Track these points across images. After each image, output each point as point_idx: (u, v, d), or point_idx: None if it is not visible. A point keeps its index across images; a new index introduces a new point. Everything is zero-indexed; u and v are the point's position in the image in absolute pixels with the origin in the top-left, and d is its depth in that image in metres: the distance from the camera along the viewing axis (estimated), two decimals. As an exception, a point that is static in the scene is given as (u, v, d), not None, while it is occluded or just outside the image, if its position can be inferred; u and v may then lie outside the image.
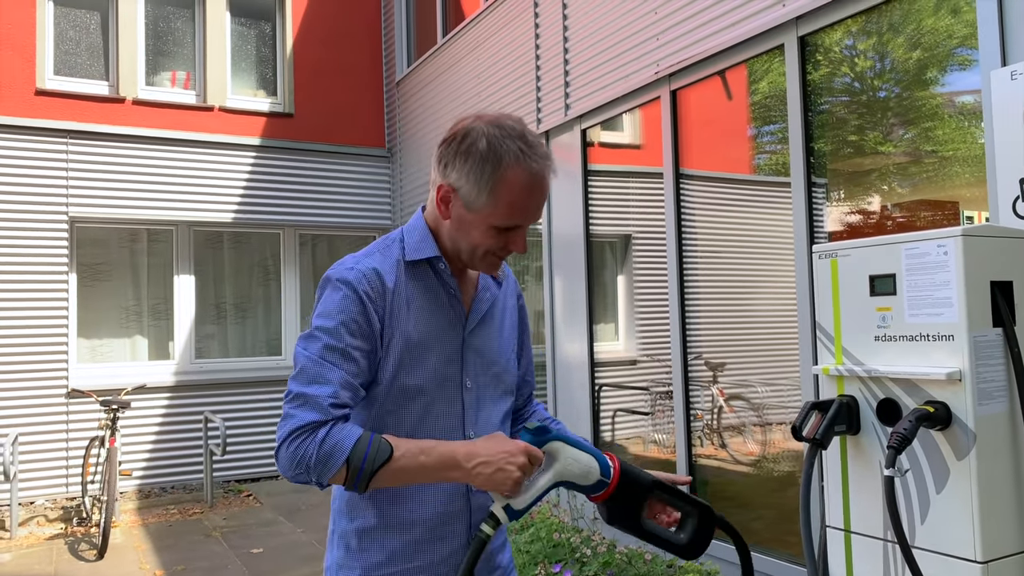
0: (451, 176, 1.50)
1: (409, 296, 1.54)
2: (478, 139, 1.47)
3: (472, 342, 1.61)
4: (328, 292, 1.51)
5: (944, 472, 1.75)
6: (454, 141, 1.50)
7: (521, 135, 1.48)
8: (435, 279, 1.58)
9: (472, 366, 1.61)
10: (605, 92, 5.36)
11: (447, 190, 1.51)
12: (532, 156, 1.47)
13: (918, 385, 1.80)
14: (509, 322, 1.74)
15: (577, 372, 5.76)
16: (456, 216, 1.52)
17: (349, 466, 1.38)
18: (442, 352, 1.56)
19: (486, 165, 1.46)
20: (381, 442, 1.40)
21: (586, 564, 3.64)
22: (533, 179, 1.47)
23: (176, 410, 7.96)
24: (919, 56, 3.55)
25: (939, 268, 1.76)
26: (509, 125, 1.49)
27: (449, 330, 1.58)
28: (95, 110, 7.79)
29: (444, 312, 1.58)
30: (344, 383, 1.44)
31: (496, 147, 1.46)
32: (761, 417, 4.51)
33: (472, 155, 1.47)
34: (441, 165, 1.52)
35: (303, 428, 1.38)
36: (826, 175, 3.97)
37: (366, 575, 1.54)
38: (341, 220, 8.84)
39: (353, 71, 9.14)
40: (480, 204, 1.48)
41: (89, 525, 6.66)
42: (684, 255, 4.80)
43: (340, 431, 1.39)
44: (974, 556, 1.69)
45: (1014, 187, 2.87)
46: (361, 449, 1.38)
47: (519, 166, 1.46)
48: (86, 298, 7.83)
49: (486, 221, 1.49)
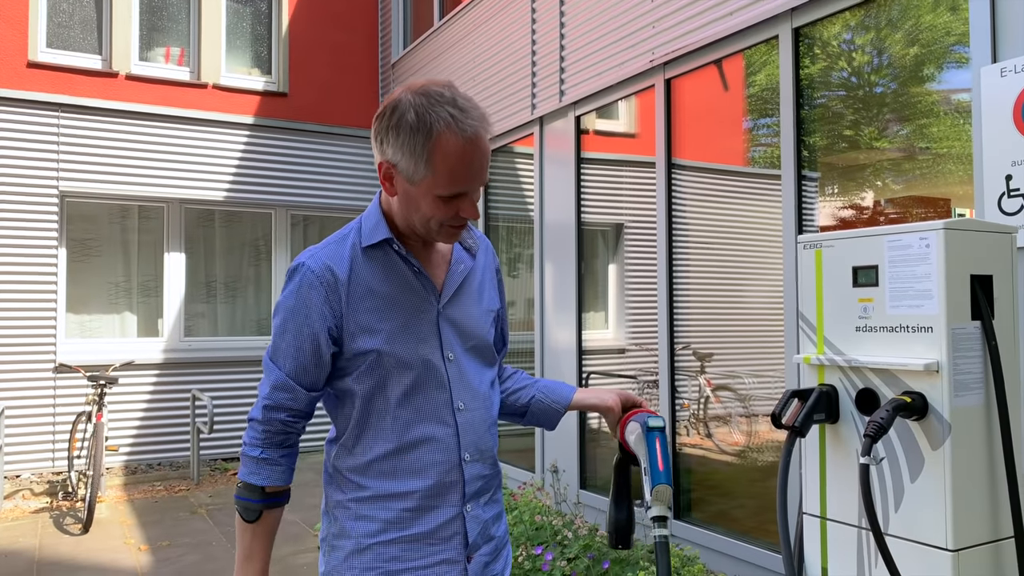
0: (388, 152, 1.49)
1: (370, 281, 1.55)
2: (406, 111, 1.45)
3: (449, 314, 1.62)
4: (284, 290, 1.58)
5: (919, 461, 1.77)
6: (384, 116, 1.49)
7: (451, 100, 1.46)
8: (397, 259, 1.59)
9: (451, 338, 1.62)
10: (600, 79, 5.36)
11: (387, 167, 1.50)
12: (463, 120, 1.45)
13: (896, 376, 1.82)
14: (488, 293, 1.74)
15: (565, 359, 5.78)
16: (402, 192, 1.51)
17: (242, 484, 1.57)
18: (416, 329, 1.57)
19: (417, 136, 1.44)
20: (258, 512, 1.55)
21: (567, 547, 3.67)
22: (467, 143, 1.45)
23: (164, 387, 7.95)
24: (915, 52, 3.56)
25: (921, 261, 1.77)
26: (436, 92, 1.47)
27: (422, 305, 1.59)
28: (87, 84, 7.73)
29: (412, 290, 1.59)
30: (280, 385, 1.55)
31: (424, 116, 1.44)
32: (747, 407, 4.54)
33: (402, 128, 1.45)
34: (378, 142, 1.51)
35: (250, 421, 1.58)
36: (818, 169, 3.98)
37: (359, 544, 1.55)
38: (333, 201, 8.82)
39: (348, 52, 9.10)
40: (420, 176, 1.46)
41: (75, 499, 6.67)
42: (674, 245, 4.81)
43: (259, 466, 1.55)
44: (945, 544, 1.71)
45: (1000, 183, 2.90)
46: (246, 493, 1.55)
47: (451, 132, 1.44)
48: (75, 273, 7.80)
49: (430, 192, 1.48)
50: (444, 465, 1.57)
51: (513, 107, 6.43)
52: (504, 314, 1.84)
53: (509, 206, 6.84)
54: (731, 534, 4.30)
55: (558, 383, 1.83)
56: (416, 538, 1.55)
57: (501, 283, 1.83)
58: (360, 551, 1.55)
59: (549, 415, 1.80)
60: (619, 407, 1.72)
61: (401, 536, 1.55)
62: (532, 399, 1.80)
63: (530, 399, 1.80)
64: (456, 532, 1.58)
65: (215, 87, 8.32)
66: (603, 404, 1.73)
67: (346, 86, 9.04)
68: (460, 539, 1.59)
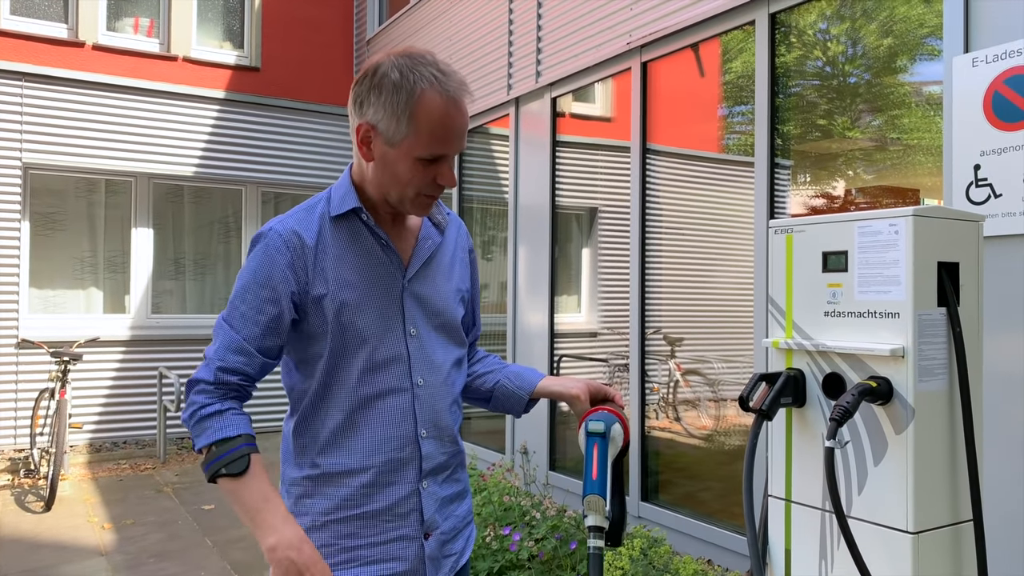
0: (368, 113, 1.47)
1: (337, 250, 1.53)
2: (389, 70, 1.45)
3: (414, 289, 1.61)
4: (249, 254, 1.55)
5: (883, 445, 1.79)
6: (365, 78, 1.48)
7: (433, 63, 1.47)
8: (364, 231, 1.57)
9: (414, 313, 1.60)
10: (577, 60, 5.33)
11: (366, 128, 1.48)
12: (446, 81, 1.45)
13: (863, 360, 1.84)
14: (459, 272, 1.72)
15: (538, 342, 5.78)
16: (379, 155, 1.49)
17: (207, 452, 1.44)
18: (380, 301, 1.55)
19: (400, 93, 1.43)
20: (245, 458, 1.44)
21: (535, 527, 3.69)
22: (450, 103, 1.45)
23: (130, 365, 7.84)
24: (889, 44, 3.58)
25: (890, 247, 1.79)
26: (419, 54, 1.48)
27: (387, 279, 1.57)
28: (52, 53, 7.53)
29: (378, 262, 1.57)
30: (236, 347, 1.49)
31: (408, 75, 1.43)
32: (716, 392, 4.58)
33: (385, 87, 1.44)
34: (356, 105, 1.49)
35: (195, 384, 1.48)
36: (791, 157, 4.00)
37: (315, 521, 1.54)
38: (305, 178, 8.71)
39: (323, 27, 8.96)
40: (400, 136, 1.45)
41: (37, 477, 6.57)
42: (647, 230, 4.82)
43: (221, 419, 1.45)
44: (906, 527, 1.74)
45: (969, 173, 2.93)
46: (224, 448, 1.44)
47: (434, 90, 1.44)
48: (39, 248, 7.63)
49: (409, 153, 1.46)
50: (399, 440, 1.56)
51: (489, 87, 6.38)
52: (476, 296, 1.82)
53: (484, 188, 6.80)
54: (698, 516, 4.35)
55: (527, 369, 1.81)
56: (372, 515, 1.54)
57: (475, 265, 1.81)
58: (316, 528, 1.54)
59: (513, 401, 1.77)
60: (586, 397, 1.69)
61: (357, 513, 1.54)
62: (497, 383, 1.78)
63: (495, 383, 1.78)
64: (413, 509, 1.57)
65: (185, 60, 8.15)
66: (568, 393, 1.70)
67: (320, 62, 8.90)
68: (417, 515, 1.58)
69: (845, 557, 1.83)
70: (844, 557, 1.84)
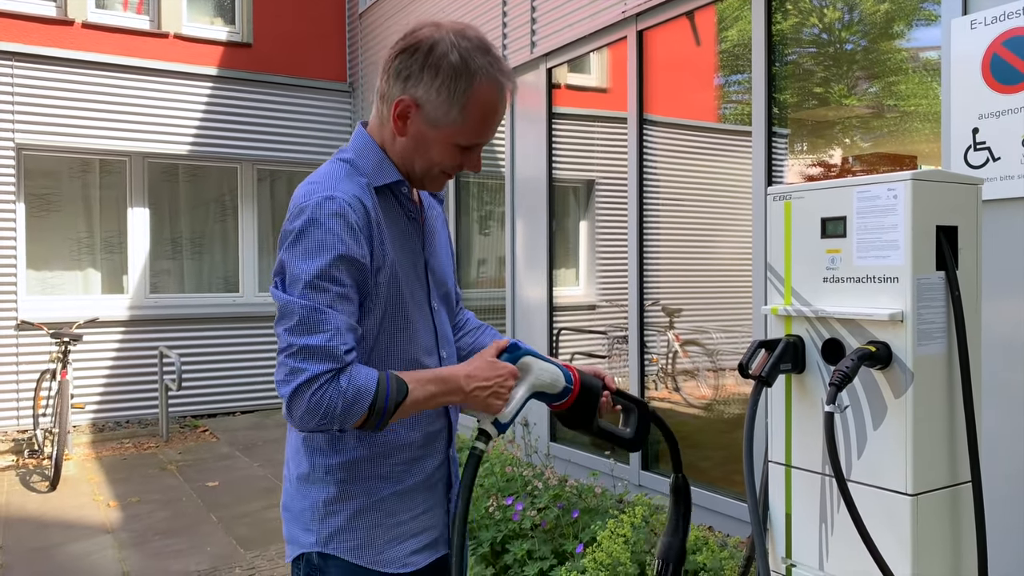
0: (415, 90, 1.41)
1: (383, 223, 1.46)
2: (448, 51, 1.39)
3: (431, 264, 1.60)
4: (310, 226, 1.36)
5: (882, 409, 1.81)
6: (419, 52, 1.41)
7: (488, 49, 1.43)
8: (395, 204, 1.52)
9: (433, 288, 1.60)
10: (572, 30, 5.28)
11: (408, 104, 1.42)
12: (500, 71, 1.43)
13: (862, 325, 1.85)
14: (446, 240, 1.73)
15: (536, 315, 5.79)
16: (415, 133, 1.44)
17: (373, 408, 1.35)
18: (414, 277, 1.53)
19: (459, 81, 1.39)
20: (396, 380, 1.38)
21: (537, 497, 3.72)
22: (502, 95, 1.43)
23: (131, 344, 7.85)
24: (886, 9, 3.55)
25: (888, 211, 1.78)
26: (475, 37, 1.43)
27: (415, 253, 1.55)
28: (42, 32, 7.44)
29: (408, 236, 1.54)
30: (348, 327, 1.37)
31: (469, 62, 1.39)
32: (715, 362, 4.60)
33: (443, 69, 1.39)
34: (401, 78, 1.42)
35: (317, 379, 1.32)
36: (788, 125, 3.98)
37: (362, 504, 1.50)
38: (300, 155, 8.66)
39: (315, 2, 8.86)
40: (448, 120, 1.41)
41: (41, 457, 6.61)
42: (645, 201, 4.81)
43: (359, 376, 1.35)
44: (905, 489, 1.76)
45: (967, 137, 2.92)
46: (383, 390, 1.36)
47: (490, 82, 1.41)
48: (35, 229, 7.61)
49: (451, 139, 1.43)
50: (434, 414, 1.56)
51: (484, 60, 6.32)
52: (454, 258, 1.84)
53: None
54: (699, 484, 4.38)
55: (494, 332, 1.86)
56: (410, 489, 1.54)
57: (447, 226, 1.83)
58: (364, 511, 1.50)
59: None
60: None
61: (399, 490, 1.53)
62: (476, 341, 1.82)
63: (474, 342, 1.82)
64: (441, 478, 1.60)
65: (176, 37, 8.06)
66: None
67: (312, 37, 8.82)
68: (444, 484, 1.61)
69: (845, 520, 1.85)
70: (844, 520, 1.85)
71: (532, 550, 3.48)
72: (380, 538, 1.50)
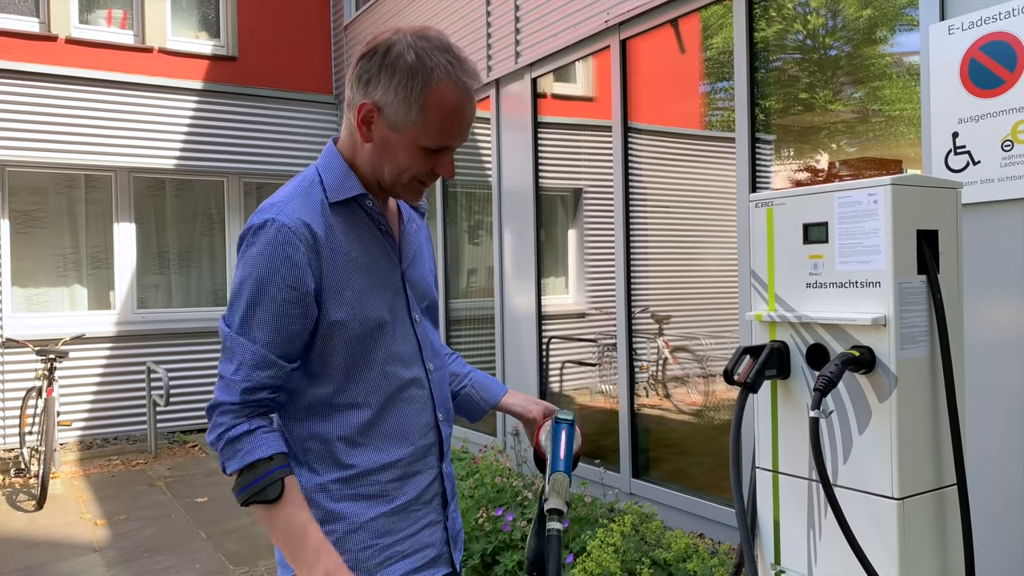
0: (375, 93, 1.38)
1: (341, 241, 1.43)
2: (405, 51, 1.36)
3: (409, 276, 1.57)
4: (250, 250, 1.38)
5: (867, 414, 1.81)
6: (376, 55, 1.39)
7: (448, 48, 1.39)
8: (364, 217, 1.49)
9: (413, 299, 1.57)
10: (556, 40, 5.30)
11: (369, 108, 1.39)
12: (461, 70, 1.39)
13: (845, 330, 1.85)
14: (429, 252, 1.70)
15: (525, 325, 5.79)
16: (380, 138, 1.41)
17: (238, 476, 1.36)
18: (387, 290, 1.50)
19: (415, 79, 1.36)
20: (279, 483, 1.35)
21: (527, 507, 3.71)
22: (464, 95, 1.39)
23: (118, 360, 7.80)
24: (868, 15, 3.58)
25: (869, 216, 1.79)
26: (435, 37, 1.40)
27: (388, 267, 1.52)
28: (25, 48, 7.42)
29: (380, 250, 1.50)
30: (258, 361, 1.36)
31: (425, 60, 1.36)
32: (704, 368, 4.60)
33: (399, 69, 1.36)
34: (362, 82, 1.40)
35: (217, 407, 1.37)
36: (772, 131, 4.00)
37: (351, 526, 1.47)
38: (287, 168, 8.65)
39: (300, 14, 8.86)
40: (408, 123, 1.38)
41: (28, 476, 6.54)
42: (631, 209, 4.82)
43: (252, 439, 1.36)
44: (891, 493, 1.76)
45: (947, 141, 2.94)
46: (256, 473, 1.35)
47: (450, 80, 1.37)
48: (20, 246, 7.56)
49: (415, 142, 1.40)
50: (424, 428, 1.54)
51: (469, 70, 6.33)
52: None
53: (467, 172, 6.77)
54: (688, 491, 4.38)
55: (491, 380, 1.82)
56: (404, 507, 1.51)
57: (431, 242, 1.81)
58: (353, 532, 1.47)
59: (473, 409, 1.78)
60: (542, 419, 1.70)
61: (391, 508, 1.49)
62: (463, 389, 1.78)
63: (461, 388, 1.78)
64: (436, 493, 1.57)
65: (161, 51, 8.05)
66: (527, 414, 1.71)
67: (297, 50, 8.82)
68: (439, 499, 1.58)
69: (832, 525, 1.85)
70: (831, 525, 1.86)
71: (523, 561, 3.47)
72: (369, 561, 1.47)
